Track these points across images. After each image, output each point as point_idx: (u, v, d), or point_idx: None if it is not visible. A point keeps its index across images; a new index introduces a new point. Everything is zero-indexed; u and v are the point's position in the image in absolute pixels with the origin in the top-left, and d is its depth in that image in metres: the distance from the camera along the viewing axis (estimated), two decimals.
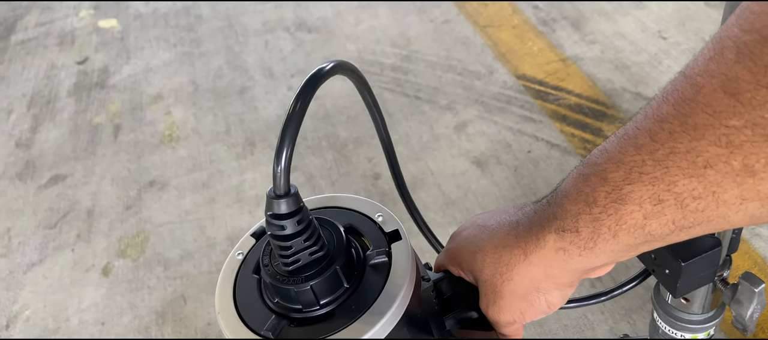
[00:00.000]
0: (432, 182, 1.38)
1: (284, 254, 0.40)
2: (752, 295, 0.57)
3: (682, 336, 0.68)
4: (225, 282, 0.46)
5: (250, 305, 0.44)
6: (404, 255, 0.44)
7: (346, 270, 0.42)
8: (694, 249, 0.54)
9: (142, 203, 1.56)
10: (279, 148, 0.37)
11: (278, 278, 0.41)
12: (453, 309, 0.51)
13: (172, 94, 1.91)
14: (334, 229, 0.44)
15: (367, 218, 0.48)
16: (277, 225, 0.39)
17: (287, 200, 0.39)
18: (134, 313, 1.29)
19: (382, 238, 0.46)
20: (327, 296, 0.41)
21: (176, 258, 1.39)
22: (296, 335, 0.41)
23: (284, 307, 0.42)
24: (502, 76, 1.62)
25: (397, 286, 0.42)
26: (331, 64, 0.42)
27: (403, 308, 0.42)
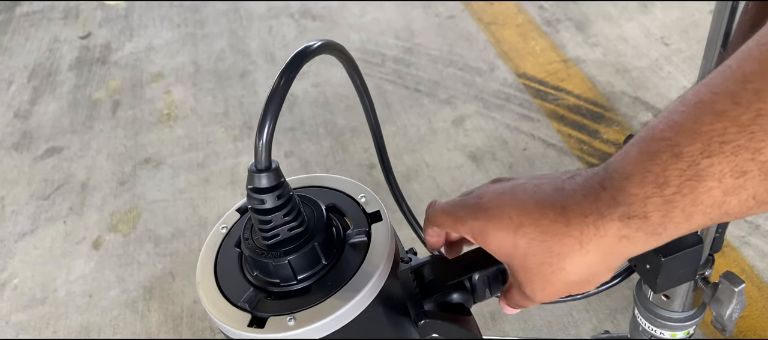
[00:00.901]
0: (427, 174, 1.38)
1: (264, 228, 0.41)
2: (732, 294, 0.57)
3: (661, 334, 0.68)
4: (207, 254, 0.46)
5: (230, 278, 0.44)
6: (383, 236, 0.44)
7: (325, 247, 0.42)
8: (676, 245, 0.54)
9: (136, 180, 1.56)
10: (261, 123, 0.37)
11: (257, 252, 0.42)
12: (434, 293, 0.52)
13: (173, 74, 1.91)
14: (315, 207, 0.44)
15: (350, 198, 0.49)
16: (257, 199, 0.40)
17: (268, 175, 0.39)
18: (122, 287, 1.30)
19: (364, 218, 0.46)
20: (304, 271, 0.42)
21: (167, 236, 1.39)
22: (272, 308, 0.41)
23: (263, 280, 0.42)
24: (503, 73, 1.62)
25: (373, 265, 0.42)
26: (318, 42, 0.42)
27: (378, 287, 0.42)
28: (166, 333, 1.19)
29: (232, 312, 0.41)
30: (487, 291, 0.55)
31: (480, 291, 0.55)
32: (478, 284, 0.54)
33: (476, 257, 0.55)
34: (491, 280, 0.55)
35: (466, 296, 0.53)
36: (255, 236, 0.43)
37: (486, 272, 0.54)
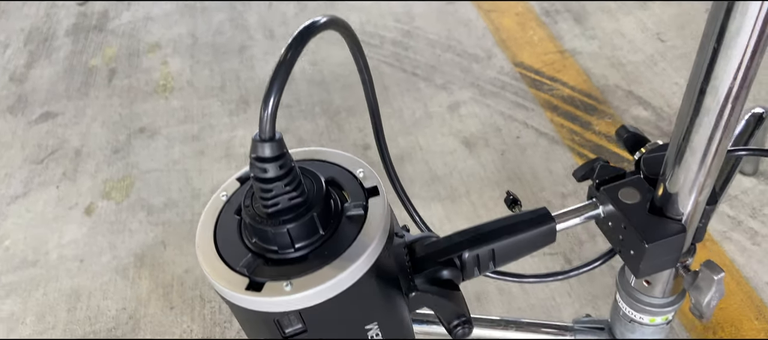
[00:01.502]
0: (420, 157, 1.40)
1: (265, 197, 0.42)
2: (711, 282, 0.59)
3: (641, 319, 0.70)
4: (207, 219, 0.48)
5: (228, 243, 0.45)
6: (380, 210, 0.46)
7: (323, 218, 0.44)
8: (660, 232, 0.56)
9: (130, 148, 1.56)
10: (267, 94, 0.38)
11: (257, 220, 0.43)
12: (424, 268, 0.53)
13: (170, 45, 1.91)
14: (315, 179, 0.46)
15: (349, 172, 0.50)
16: (259, 168, 0.41)
17: (271, 144, 0.40)
18: (113, 253, 1.31)
19: (361, 192, 0.48)
20: (302, 240, 0.43)
21: (160, 205, 1.40)
22: (270, 273, 0.42)
23: (261, 247, 0.44)
24: (500, 61, 1.63)
25: (369, 237, 0.44)
26: (325, 18, 0.44)
27: (373, 258, 0.43)
28: (156, 300, 1.20)
29: (230, 276, 0.42)
30: (476, 269, 0.57)
31: (469, 269, 0.56)
32: (468, 262, 0.55)
33: (466, 236, 0.57)
34: (480, 259, 0.57)
35: (456, 272, 0.55)
36: (255, 204, 0.45)
37: (476, 251, 0.56)
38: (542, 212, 0.58)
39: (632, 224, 0.55)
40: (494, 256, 0.57)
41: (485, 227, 0.57)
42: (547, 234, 0.57)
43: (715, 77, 0.45)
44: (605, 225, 0.61)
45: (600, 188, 0.59)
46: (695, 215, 0.57)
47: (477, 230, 0.57)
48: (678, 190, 0.54)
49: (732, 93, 0.45)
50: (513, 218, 0.58)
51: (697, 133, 0.49)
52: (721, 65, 0.44)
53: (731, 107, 0.46)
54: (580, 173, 0.65)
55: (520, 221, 0.57)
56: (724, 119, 0.47)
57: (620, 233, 0.58)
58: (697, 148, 0.50)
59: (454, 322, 0.53)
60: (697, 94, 0.47)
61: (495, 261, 0.57)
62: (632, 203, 0.57)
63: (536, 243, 0.58)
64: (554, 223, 0.57)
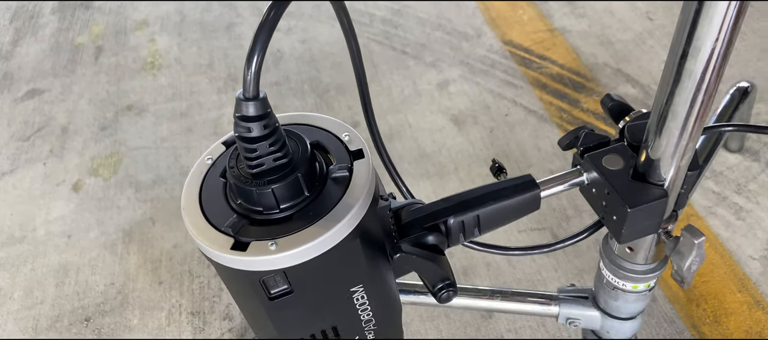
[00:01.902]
0: (409, 135, 1.40)
1: (249, 156, 0.42)
2: (692, 246, 0.59)
3: (624, 285, 0.71)
4: (192, 182, 0.48)
5: (214, 205, 0.45)
6: (365, 172, 0.46)
7: (308, 179, 0.44)
8: (642, 198, 0.57)
9: (118, 126, 1.55)
10: (250, 53, 0.38)
11: (242, 180, 0.43)
12: (410, 233, 0.53)
13: (157, 22, 1.89)
14: (300, 141, 0.46)
15: (334, 136, 0.50)
16: (244, 127, 0.41)
17: (255, 103, 0.40)
18: (101, 229, 1.30)
19: (346, 155, 0.48)
20: (287, 201, 0.43)
21: (148, 182, 1.39)
22: (255, 233, 0.42)
23: (246, 208, 0.44)
24: (489, 40, 1.63)
25: (354, 198, 0.44)
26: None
27: (357, 219, 0.44)
28: (144, 275, 1.20)
29: (215, 236, 0.43)
30: (461, 235, 0.58)
31: (454, 235, 0.57)
32: (453, 227, 0.56)
33: (452, 202, 0.57)
34: (465, 225, 0.57)
35: (441, 238, 0.55)
36: (240, 164, 0.45)
37: (461, 216, 0.56)
38: (527, 179, 0.58)
39: (615, 190, 0.56)
40: (479, 222, 0.57)
41: (470, 194, 0.58)
42: (531, 201, 0.58)
43: (698, 38, 0.45)
44: (589, 192, 0.61)
45: (584, 155, 0.60)
46: (677, 181, 0.57)
47: (462, 197, 0.57)
48: (660, 156, 0.54)
49: (714, 55, 0.45)
50: (498, 185, 0.58)
51: (680, 97, 0.49)
52: (703, 26, 0.44)
53: (714, 70, 0.47)
54: (564, 141, 0.66)
55: (505, 187, 0.58)
56: (706, 82, 0.48)
57: (603, 199, 0.59)
58: (678, 113, 0.50)
59: (439, 285, 0.54)
60: (679, 57, 0.47)
61: (480, 228, 0.58)
62: (615, 169, 0.58)
63: (521, 209, 0.58)
64: (539, 189, 0.58)
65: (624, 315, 0.74)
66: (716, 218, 1.12)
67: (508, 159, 1.30)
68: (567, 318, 0.79)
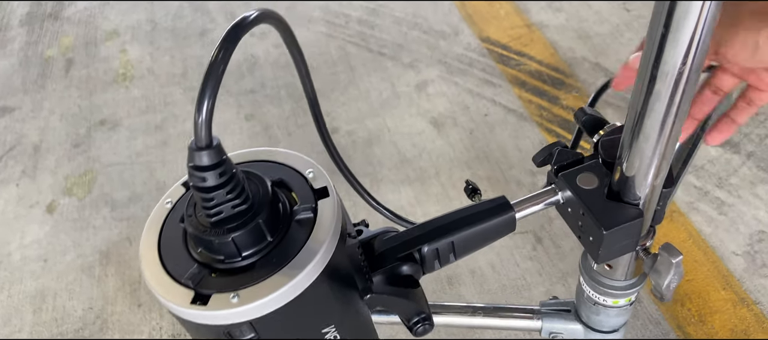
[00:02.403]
0: (388, 139, 1.38)
1: (206, 206, 0.40)
2: (670, 266, 0.58)
3: (604, 301, 0.70)
4: (151, 230, 0.45)
5: (174, 254, 0.43)
6: (330, 212, 0.44)
7: (270, 224, 0.42)
8: (618, 219, 0.55)
9: (91, 142, 1.51)
10: (200, 99, 0.36)
11: (201, 229, 0.41)
12: (383, 265, 0.52)
13: (128, 32, 1.85)
14: (260, 183, 0.44)
15: (298, 173, 0.48)
16: (198, 177, 0.39)
17: (208, 152, 0.38)
18: (77, 252, 1.27)
19: (310, 194, 0.46)
20: (249, 248, 0.41)
21: (124, 200, 1.36)
22: (217, 284, 0.41)
23: (207, 257, 0.42)
24: (466, 37, 1.61)
25: (319, 241, 0.42)
26: (255, 13, 0.41)
27: (323, 264, 0.42)
28: (123, 298, 1.18)
29: (175, 289, 0.41)
30: (436, 262, 0.56)
31: (429, 263, 0.55)
32: (428, 255, 0.54)
33: (425, 229, 0.55)
34: (440, 252, 0.56)
35: (416, 267, 0.53)
36: (198, 213, 0.43)
37: (435, 244, 0.54)
38: (501, 202, 0.56)
39: (590, 211, 0.55)
40: (454, 248, 0.56)
41: (444, 219, 0.56)
42: (506, 223, 0.56)
43: (665, 62, 0.44)
44: (565, 211, 0.60)
45: (558, 174, 0.59)
46: (652, 199, 0.56)
47: (435, 223, 0.56)
48: (634, 175, 0.53)
49: (682, 78, 0.44)
50: (472, 209, 0.57)
51: (650, 118, 0.48)
52: (669, 51, 0.43)
53: (682, 92, 0.45)
54: (539, 158, 0.64)
55: (479, 211, 0.56)
56: (676, 105, 0.46)
57: (579, 219, 0.57)
58: (650, 134, 0.48)
59: (414, 319, 0.52)
60: (648, 80, 0.46)
61: (455, 253, 0.57)
62: (590, 188, 0.56)
63: (496, 233, 0.57)
64: (514, 212, 0.56)
65: (606, 329, 0.73)
66: (698, 213, 1.12)
67: (489, 161, 1.28)
68: (550, 333, 0.78)
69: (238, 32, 0.39)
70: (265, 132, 1.46)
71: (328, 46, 1.64)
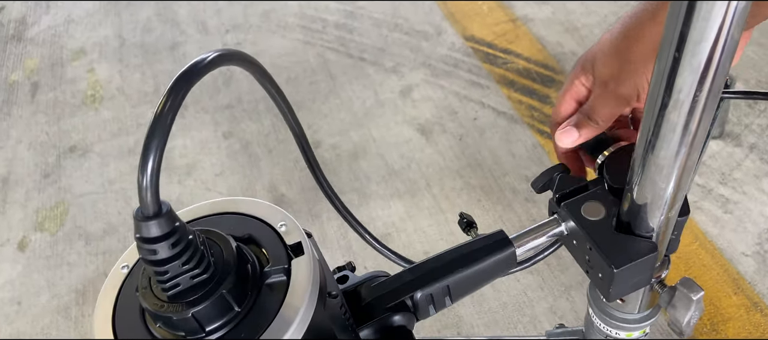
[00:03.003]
0: (375, 151, 1.32)
1: (160, 280, 0.36)
2: (690, 303, 0.53)
3: (617, 334, 0.64)
4: (104, 301, 0.40)
5: (130, 329, 0.39)
6: (304, 273, 0.39)
7: (236, 293, 0.37)
8: (629, 254, 0.50)
9: (61, 171, 1.44)
10: (144, 159, 0.31)
11: (157, 305, 0.36)
12: (372, 317, 0.47)
13: (95, 49, 1.77)
14: (224, 244, 0.39)
15: (269, 226, 0.43)
16: (147, 249, 0.34)
17: (157, 222, 0.34)
18: (53, 292, 1.20)
19: (283, 252, 0.41)
20: (214, 321, 0.37)
21: (99, 232, 1.29)
22: None
23: (166, 334, 0.37)
24: (450, 37, 1.54)
25: (294, 307, 0.38)
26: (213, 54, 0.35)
27: (300, 333, 0.38)
28: None
29: None
30: (431, 308, 0.51)
31: (423, 309, 0.51)
32: (421, 302, 0.49)
33: (417, 274, 0.50)
34: (435, 297, 0.51)
35: (408, 316, 0.49)
36: (154, 285, 0.38)
37: (428, 289, 0.49)
38: (499, 237, 0.51)
39: (598, 246, 0.49)
40: (450, 291, 0.51)
41: (437, 261, 0.52)
42: (506, 260, 0.51)
43: (677, 90, 0.38)
44: (570, 243, 0.54)
45: (561, 203, 0.53)
46: (667, 230, 0.50)
47: (428, 265, 0.51)
48: (645, 205, 0.47)
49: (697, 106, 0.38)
50: (468, 247, 0.52)
51: (662, 149, 0.42)
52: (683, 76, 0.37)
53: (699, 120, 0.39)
54: (538, 183, 0.59)
55: (476, 248, 0.51)
56: (692, 134, 0.40)
57: (587, 254, 0.52)
58: (663, 165, 0.43)
59: None
60: (659, 108, 0.40)
61: (451, 296, 0.52)
62: (596, 219, 0.51)
63: (495, 271, 0.52)
64: (513, 247, 0.51)
65: None
66: (703, 213, 1.07)
67: (481, 168, 1.23)
68: None
69: (188, 80, 0.34)
70: (244, 150, 1.39)
71: (306, 54, 1.57)
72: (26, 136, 1.54)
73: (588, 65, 0.50)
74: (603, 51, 0.48)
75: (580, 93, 0.53)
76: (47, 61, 1.76)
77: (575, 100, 0.54)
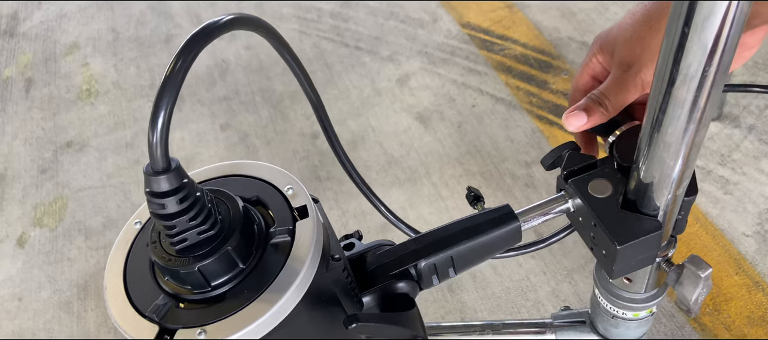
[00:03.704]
0: (373, 140, 1.31)
1: (168, 234, 0.37)
2: (698, 280, 0.53)
3: (623, 314, 0.65)
4: (117, 255, 0.42)
5: (140, 282, 0.40)
6: (308, 235, 0.40)
7: (241, 250, 0.39)
8: (634, 232, 0.50)
9: (58, 166, 1.43)
10: (154, 116, 0.32)
11: (165, 258, 0.38)
12: (377, 283, 0.48)
13: (89, 44, 1.75)
14: (232, 204, 0.40)
15: (276, 190, 0.44)
16: (156, 204, 0.36)
17: (167, 177, 0.35)
18: (54, 287, 1.20)
19: (289, 214, 0.42)
20: (218, 277, 0.38)
21: (98, 227, 1.29)
22: (184, 318, 0.38)
23: (175, 287, 0.39)
24: (446, 24, 1.54)
25: (296, 268, 0.39)
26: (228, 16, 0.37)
27: (300, 292, 0.39)
28: (106, 334, 1.11)
29: (138, 323, 0.38)
30: (434, 278, 0.52)
31: (426, 279, 0.51)
32: (424, 271, 0.50)
33: (422, 243, 0.51)
34: (438, 267, 0.51)
35: (412, 285, 0.49)
36: (163, 239, 0.39)
37: (432, 259, 0.50)
38: (505, 211, 0.52)
39: (602, 223, 0.49)
40: (454, 262, 0.51)
41: (443, 231, 0.52)
42: (511, 234, 0.52)
43: (686, 65, 0.38)
44: (576, 220, 0.54)
45: (568, 180, 0.53)
46: (673, 210, 0.50)
47: (433, 236, 0.52)
48: (652, 184, 0.47)
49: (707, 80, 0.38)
50: (473, 219, 0.52)
51: (670, 125, 0.42)
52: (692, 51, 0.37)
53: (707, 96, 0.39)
54: (548, 160, 0.59)
55: (481, 222, 0.51)
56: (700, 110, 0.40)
57: (591, 231, 0.52)
58: (670, 142, 0.43)
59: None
60: (667, 84, 0.40)
61: (455, 268, 0.52)
62: (603, 197, 0.51)
63: (500, 245, 0.53)
64: (519, 222, 0.51)
65: None
66: (703, 194, 1.07)
67: (481, 154, 1.23)
68: None
69: (202, 39, 0.34)
70: (242, 142, 1.38)
71: (303, 44, 1.56)
72: (22, 132, 1.53)
73: (607, 47, 0.50)
74: (624, 36, 0.47)
75: (596, 70, 0.53)
76: (41, 57, 1.74)
77: (591, 76, 0.54)
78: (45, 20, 1.87)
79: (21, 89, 1.66)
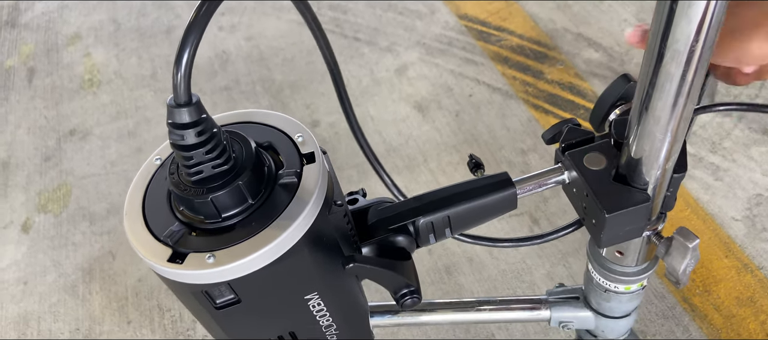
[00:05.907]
0: (372, 129, 1.34)
1: (186, 165, 0.40)
2: (686, 251, 0.56)
3: (616, 288, 0.67)
4: (137, 185, 0.46)
5: (157, 211, 0.44)
6: (314, 178, 0.43)
7: (251, 186, 0.42)
8: (622, 202, 0.53)
9: (62, 154, 1.45)
10: (179, 53, 0.35)
11: (181, 188, 0.41)
12: (376, 235, 0.51)
13: (91, 34, 1.77)
14: (245, 144, 0.43)
15: (287, 137, 0.47)
16: (177, 134, 0.39)
17: (188, 110, 0.38)
18: (59, 271, 1.22)
19: (297, 159, 0.45)
20: (229, 209, 0.42)
21: (102, 212, 1.31)
22: (195, 244, 0.41)
23: (189, 216, 0.42)
24: (444, 15, 1.56)
25: (300, 206, 0.42)
26: None
27: (303, 229, 0.42)
28: (110, 316, 1.13)
29: (153, 246, 0.41)
30: (431, 236, 0.54)
31: (424, 236, 0.54)
32: (422, 228, 0.52)
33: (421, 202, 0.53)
34: (435, 225, 0.53)
35: (409, 240, 0.52)
36: (180, 171, 0.42)
37: (430, 217, 0.52)
38: (502, 178, 0.54)
39: (593, 192, 0.52)
40: (450, 222, 0.54)
41: (442, 193, 0.54)
42: (507, 200, 0.54)
43: (675, 40, 0.40)
44: (570, 192, 0.57)
45: (565, 152, 0.56)
46: (662, 184, 0.53)
47: (432, 196, 0.54)
48: (642, 157, 0.50)
49: (694, 56, 0.41)
50: (471, 183, 0.55)
51: (659, 99, 0.44)
52: (680, 26, 0.39)
53: (695, 70, 0.42)
54: (548, 135, 0.61)
55: (479, 186, 0.54)
56: (688, 84, 0.43)
57: (583, 201, 0.54)
58: (660, 116, 0.45)
59: (401, 292, 0.50)
60: (656, 58, 0.43)
61: (452, 228, 0.54)
62: (597, 169, 0.54)
63: (495, 209, 0.55)
64: (515, 189, 0.54)
65: (618, 314, 0.71)
66: (694, 180, 1.10)
67: (478, 143, 1.25)
68: (560, 322, 0.75)
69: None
70: None
71: (302, 35, 1.59)
72: (25, 121, 1.55)
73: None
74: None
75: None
76: (43, 47, 1.76)
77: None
78: (46, 11, 1.88)
79: (23, 79, 1.67)
